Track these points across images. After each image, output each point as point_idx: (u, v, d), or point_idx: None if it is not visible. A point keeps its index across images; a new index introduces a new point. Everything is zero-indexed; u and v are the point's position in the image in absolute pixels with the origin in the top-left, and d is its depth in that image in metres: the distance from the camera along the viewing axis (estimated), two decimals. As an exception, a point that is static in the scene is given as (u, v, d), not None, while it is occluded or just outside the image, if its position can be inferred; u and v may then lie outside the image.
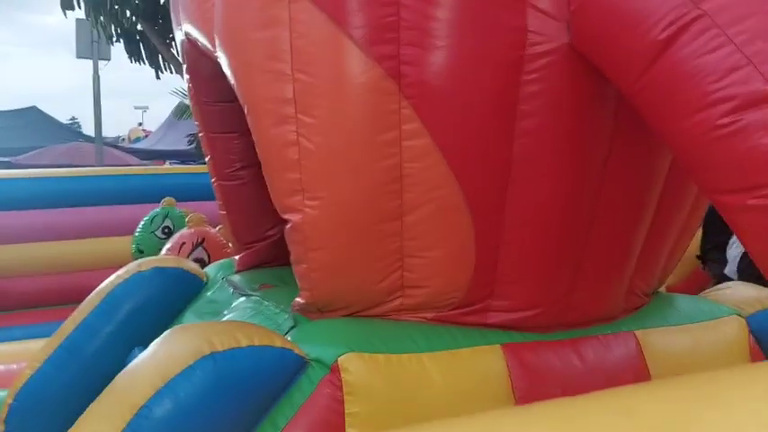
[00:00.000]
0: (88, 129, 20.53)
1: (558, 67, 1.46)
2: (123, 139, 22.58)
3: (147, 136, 21.66)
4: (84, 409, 1.54)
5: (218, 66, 1.83)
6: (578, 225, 1.64)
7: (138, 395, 1.35)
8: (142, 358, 1.47)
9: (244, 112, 1.80)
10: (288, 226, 1.63)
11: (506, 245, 1.60)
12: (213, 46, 1.83)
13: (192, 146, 11.85)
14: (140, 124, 26.08)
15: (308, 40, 1.52)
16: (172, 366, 1.37)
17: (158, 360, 1.42)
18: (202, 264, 2.75)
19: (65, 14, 8.66)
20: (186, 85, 2.37)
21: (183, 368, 1.36)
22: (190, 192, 4.66)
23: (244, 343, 1.43)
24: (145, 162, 12.74)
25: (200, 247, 3.07)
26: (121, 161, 12.48)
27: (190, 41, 2.07)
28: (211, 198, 4.44)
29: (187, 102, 12.46)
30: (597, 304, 1.79)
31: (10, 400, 2.03)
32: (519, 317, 1.67)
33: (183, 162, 13.05)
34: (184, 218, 3.80)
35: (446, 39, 1.46)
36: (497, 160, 1.52)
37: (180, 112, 13.82)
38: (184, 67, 2.31)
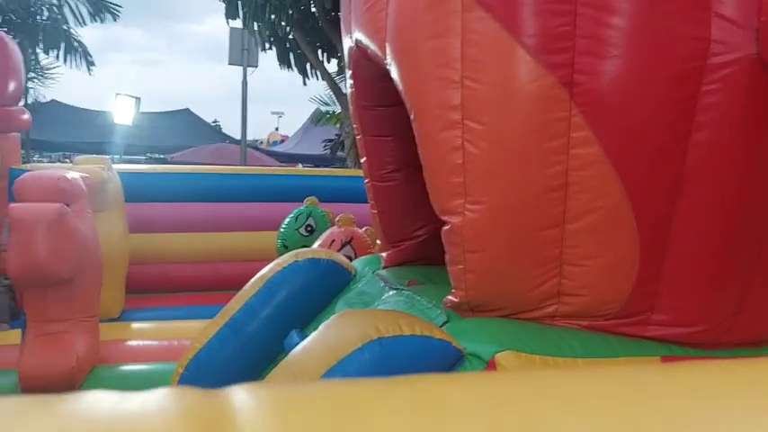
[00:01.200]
0: (227, 130, 22.16)
1: (740, 77, 1.41)
2: (261, 142, 24.00)
3: (283, 140, 22.90)
4: (242, 380, 1.69)
5: (382, 71, 1.93)
6: (749, 245, 1.57)
7: (313, 369, 1.47)
8: (314, 339, 1.60)
9: (399, 117, 1.88)
10: (446, 227, 1.68)
11: (672, 260, 1.56)
12: (383, 54, 1.93)
13: (328, 150, 12.39)
14: (276, 129, 27.57)
15: (479, 48, 1.58)
16: (343, 347, 1.48)
17: (331, 341, 1.54)
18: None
19: (227, 22, 9.41)
20: (349, 90, 2.51)
21: (354, 349, 1.47)
22: (328, 193, 4.87)
23: (406, 331, 1.51)
24: (283, 164, 13.51)
25: (347, 245, 3.21)
26: (262, 162, 13.33)
27: (359, 48, 2.20)
28: (349, 200, 4.66)
29: (323, 109, 13.08)
30: (765, 326, 1.69)
31: (181, 370, 2.27)
32: (680, 332, 1.62)
33: (316, 166, 13.68)
34: (326, 217, 3.99)
35: (622, 47, 1.46)
36: (668, 172, 1.49)
37: (317, 118, 14.47)
38: (349, 72, 2.46)
